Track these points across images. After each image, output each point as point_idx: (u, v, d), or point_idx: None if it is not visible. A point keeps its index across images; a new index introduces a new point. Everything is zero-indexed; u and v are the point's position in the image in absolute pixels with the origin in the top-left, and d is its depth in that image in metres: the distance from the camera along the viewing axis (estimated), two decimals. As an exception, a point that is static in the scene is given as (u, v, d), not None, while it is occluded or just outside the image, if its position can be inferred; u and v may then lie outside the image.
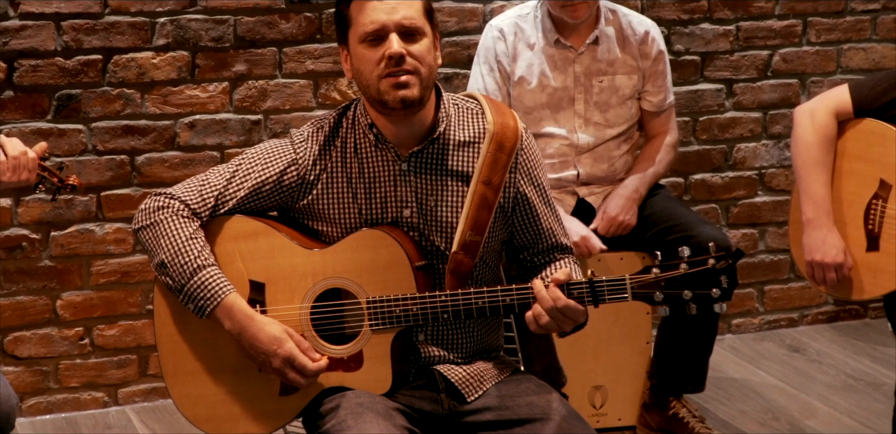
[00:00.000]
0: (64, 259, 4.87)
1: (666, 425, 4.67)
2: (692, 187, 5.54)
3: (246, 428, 3.33)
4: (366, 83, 3.22)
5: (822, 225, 4.03)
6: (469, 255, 3.26)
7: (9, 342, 4.87)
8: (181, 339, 3.35)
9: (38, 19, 4.66)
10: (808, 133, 4.11)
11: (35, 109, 4.72)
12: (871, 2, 5.59)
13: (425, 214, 3.30)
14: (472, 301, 3.16)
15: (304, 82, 4.99)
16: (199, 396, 3.35)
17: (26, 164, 3.51)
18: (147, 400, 5.05)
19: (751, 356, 5.50)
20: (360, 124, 3.32)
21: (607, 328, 4.66)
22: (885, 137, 4.02)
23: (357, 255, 3.24)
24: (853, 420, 4.89)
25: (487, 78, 4.55)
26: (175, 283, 3.23)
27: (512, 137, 3.31)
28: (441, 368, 3.30)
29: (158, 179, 4.86)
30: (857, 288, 4.12)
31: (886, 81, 4.05)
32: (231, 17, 4.85)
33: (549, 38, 4.54)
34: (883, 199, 4.04)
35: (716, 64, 5.47)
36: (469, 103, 3.38)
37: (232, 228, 3.32)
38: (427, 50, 3.21)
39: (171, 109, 4.87)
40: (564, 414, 3.21)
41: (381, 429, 3.05)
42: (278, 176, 3.31)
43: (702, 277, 3.02)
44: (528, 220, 3.37)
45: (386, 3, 3.18)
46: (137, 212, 3.34)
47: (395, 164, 3.29)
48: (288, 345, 3.17)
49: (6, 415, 3.33)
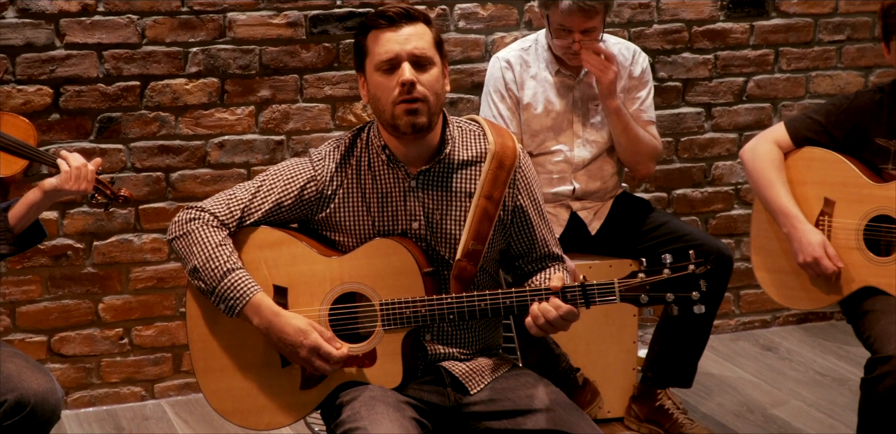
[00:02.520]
0: (105, 266, 4.87)
1: (652, 416, 4.67)
2: (675, 201, 5.54)
3: (270, 419, 3.33)
4: (381, 108, 3.23)
5: (795, 230, 4.04)
6: (471, 262, 3.26)
7: (55, 342, 4.87)
8: (211, 339, 3.36)
9: (81, 49, 4.67)
10: (758, 161, 4.14)
11: (79, 131, 4.73)
12: (836, 33, 5.59)
13: (432, 227, 3.30)
14: (475, 303, 3.16)
15: (322, 106, 4.99)
16: (227, 391, 3.35)
17: (86, 175, 3.53)
18: (181, 394, 5.05)
19: (728, 354, 5.49)
20: (373, 145, 3.32)
21: (598, 329, 4.66)
22: (824, 160, 4.05)
23: (371, 262, 3.25)
24: (820, 412, 4.89)
25: (500, 105, 4.54)
26: (207, 285, 3.24)
27: (511, 156, 3.32)
28: (446, 364, 3.31)
29: (191, 194, 4.87)
30: (813, 298, 4.13)
31: (817, 114, 4.10)
32: (257, 47, 4.85)
33: (551, 68, 4.54)
34: (829, 215, 4.06)
35: (696, 89, 5.47)
36: (472, 126, 3.39)
37: (257, 238, 3.32)
38: (436, 79, 3.22)
39: (202, 131, 4.87)
40: (560, 403, 3.22)
41: (392, 419, 3.06)
42: (299, 190, 3.32)
43: (683, 281, 3.03)
44: (525, 231, 3.37)
45: (399, 33, 3.19)
46: (171, 223, 3.35)
47: (404, 182, 3.30)
48: (313, 335, 3.17)
49: (53, 407, 3.33)
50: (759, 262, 4.29)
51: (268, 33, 4.85)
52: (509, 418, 3.21)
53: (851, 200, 3.98)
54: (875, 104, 4.00)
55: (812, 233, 4.01)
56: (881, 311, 3.84)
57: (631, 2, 5.25)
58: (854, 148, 4.02)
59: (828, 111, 4.08)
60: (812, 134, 4.09)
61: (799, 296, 4.17)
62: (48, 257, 4.79)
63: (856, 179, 3.97)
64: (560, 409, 3.20)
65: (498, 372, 3.35)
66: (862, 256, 3.97)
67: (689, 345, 4.60)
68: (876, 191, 3.93)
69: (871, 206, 3.95)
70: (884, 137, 3.96)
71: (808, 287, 4.12)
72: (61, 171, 3.50)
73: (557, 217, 4.61)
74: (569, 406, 3.23)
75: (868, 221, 3.96)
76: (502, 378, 3.33)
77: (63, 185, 3.50)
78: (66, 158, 3.52)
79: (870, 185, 3.94)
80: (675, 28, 5.37)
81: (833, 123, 4.05)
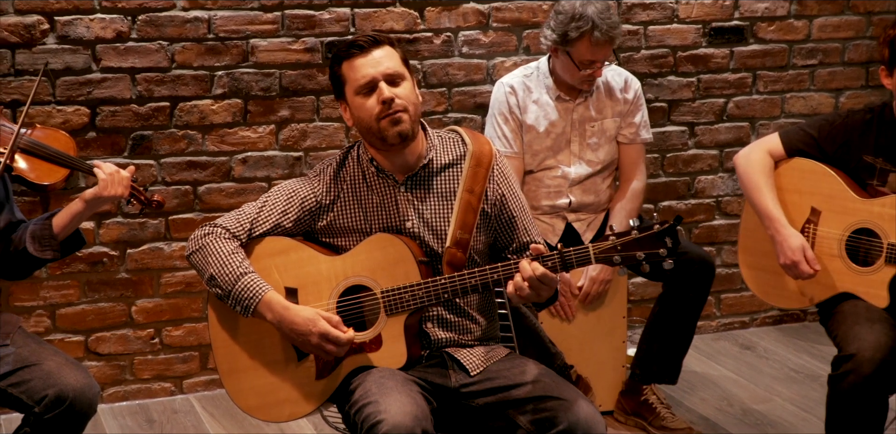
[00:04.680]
0: (138, 272, 4.88)
1: (638, 409, 4.67)
2: (661, 212, 5.54)
3: (291, 410, 3.35)
4: (366, 126, 3.30)
5: (777, 233, 4.03)
6: (461, 249, 3.31)
7: (92, 341, 4.88)
8: (232, 343, 3.38)
9: (116, 72, 4.68)
10: (750, 167, 4.13)
11: (114, 147, 4.74)
12: (809, 58, 5.60)
13: (424, 224, 3.35)
14: (466, 280, 3.20)
15: (337, 125, 5.00)
16: (249, 389, 3.37)
17: (121, 180, 3.54)
18: (207, 389, 5.05)
19: (709, 353, 5.49)
20: (362, 160, 3.40)
21: (590, 329, 4.66)
22: (814, 172, 4.04)
23: (370, 256, 3.29)
24: (794, 406, 4.89)
25: (504, 127, 4.55)
26: (223, 290, 3.27)
27: (488, 155, 3.39)
28: (449, 350, 3.35)
29: (217, 206, 4.87)
30: (794, 298, 4.13)
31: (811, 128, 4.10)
32: (277, 71, 4.87)
33: (552, 94, 4.55)
34: (814, 223, 4.05)
35: (680, 110, 5.48)
36: (451, 134, 3.47)
37: (267, 247, 3.37)
38: (410, 90, 3.30)
39: (227, 147, 4.88)
40: (546, 374, 3.27)
41: (401, 392, 3.10)
42: (300, 202, 3.39)
43: (650, 240, 3.05)
44: (507, 221, 3.42)
45: (371, 58, 3.28)
46: (188, 241, 3.40)
47: (394, 188, 3.36)
48: (321, 323, 3.21)
49: (90, 401, 3.34)
50: (745, 261, 4.28)
51: (287, 58, 4.87)
52: (502, 392, 3.25)
53: (837, 212, 3.98)
54: (864, 123, 4.00)
55: (793, 237, 4.00)
56: (849, 313, 3.85)
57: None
58: (842, 162, 4.01)
59: (821, 126, 4.07)
60: (804, 146, 4.08)
61: (781, 295, 4.16)
62: (85, 264, 4.80)
63: (842, 193, 3.97)
64: (546, 378, 3.24)
65: (496, 357, 3.38)
66: (843, 264, 3.96)
67: (675, 344, 4.60)
68: (860, 205, 3.92)
69: (854, 219, 3.94)
70: (871, 155, 3.96)
71: (790, 287, 4.11)
72: (98, 178, 3.52)
73: (554, 227, 4.62)
74: (555, 376, 3.27)
75: (851, 233, 3.96)
76: (500, 361, 3.36)
77: (101, 192, 3.51)
78: (100, 167, 3.54)
79: (855, 199, 3.93)
80: (661, 53, 5.38)
81: (825, 138, 4.04)
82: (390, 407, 3.03)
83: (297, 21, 4.83)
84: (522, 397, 3.21)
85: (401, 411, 3.01)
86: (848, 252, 3.97)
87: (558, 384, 3.23)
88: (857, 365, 3.63)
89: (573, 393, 3.20)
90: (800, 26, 5.55)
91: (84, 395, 3.32)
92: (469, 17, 5.06)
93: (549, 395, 3.18)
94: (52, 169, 3.57)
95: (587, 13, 4.31)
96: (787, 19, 5.53)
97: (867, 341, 3.67)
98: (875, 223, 3.90)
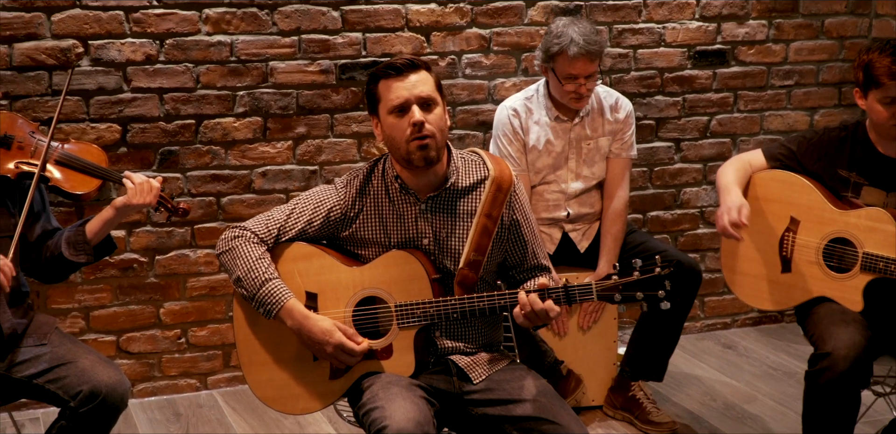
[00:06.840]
0: (165, 277, 4.87)
1: (626, 404, 4.66)
2: (649, 222, 5.53)
3: (304, 405, 3.34)
4: (396, 145, 3.24)
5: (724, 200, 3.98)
6: (473, 270, 3.27)
7: (123, 341, 4.87)
8: (253, 338, 3.37)
9: (145, 92, 4.68)
10: (725, 170, 4.13)
11: (143, 162, 4.74)
12: (786, 79, 5.59)
13: (439, 243, 3.31)
14: (475, 303, 3.18)
15: (350, 141, 5.00)
16: (268, 381, 3.36)
17: (150, 189, 3.54)
18: (230, 385, 5.04)
19: (694, 352, 5.48)
20: (388, 175, 3.34)
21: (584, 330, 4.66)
22: (794, 184, 4.03)
23: (387, 271, 3.27)
24: (772, 401, 4.87)
25: (509, 147, 4.54)
26: (248, 292, 3.26)
27: (508, 181, 3.33)
28: (453, 358, 3.32)
29: (238, 215, 4.87)
30: (774, 301, 4.12)
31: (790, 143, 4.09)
32: (294, 91, 4.86)
33: (550, 114, 4.54)
34: (793, 232, 4.04)
35: (667, 127, 5.47)
36: (473, 156, 3.41)
37: (292, 252, 3.34)
38: (440, 117, 3.24)
39: (248, 162, 4.88)
40: (545, 394, 3.23)
41: (405, 397, 3.09)
42: (326, 212, 3.34)
43: (650, 282, 3.04)
44: (518, 245, 3.38)
45: (407, 81, 3.21)
46: (219, 240, 3.37)
47: (415, 206, 3.32)
48: (337, 334, 3.20)
49: (121, 396, 3.33)
50: (727, 265, 4.26)
51: (304, 79, 4.86)
52: (502, 406, 3.22)
53: (815, 221, 3.97)
54: (840, 140, 4.00)
55: (737, 197, 3.95)
56: (825, 314, 3.84)
57: (612, 52, 5.26)
58: (819, 175, 4.01)
59: (800, 142, 4.07)
60: (785, 159, 4.07)
61: (761, 298, 4.15)
62: (117, 269, 4.79)
63: (820, 204, 3.96)
64: (545, 398, 3.21)
65: (497, 365, 3.35)
66: (820, 271, 3.95)
67: (662, 344, 4.59)
68: (837, 216, 3.91)
69: (831, 229, 3.93)
70: (845, 169, 3.96)
71: (770, 291, 4.10)
72: (128, 188, 3.52)
73: (551, 236, 4.61)
74: (553, 396, 3.24)
75: (828, 241, 3.95)
76: (501, 371, 3.33)
77: (131, 200, 3.51)
78: (130, 177, 3.55)
79: (832, 210, 3.92)
80: (649, 75, 5.37)
81: (803, 153, 4.04)
82: (395, 413, 3.02)
83: (312, 45, 4.83)
84: (520, 415, 3.18)
85: (404, 417, 3.01)
86: (825, 259, 3.96)
87: (555, 405, 3.20)
88: (832, 362, 3.62)
89: (568, 417, 3.17)
90: (777, 50, 5.55)
91: (116, 390, 3.32)
92: (472, 42, 5.06)
93: (545, 418, 3.15)
94: (85, 179, 3.58)
95: (567, 31, 4.35)
96: (766, 43, 5.52)
97: (842, 340, 3.66)
98: (851, 233, 3.89)
